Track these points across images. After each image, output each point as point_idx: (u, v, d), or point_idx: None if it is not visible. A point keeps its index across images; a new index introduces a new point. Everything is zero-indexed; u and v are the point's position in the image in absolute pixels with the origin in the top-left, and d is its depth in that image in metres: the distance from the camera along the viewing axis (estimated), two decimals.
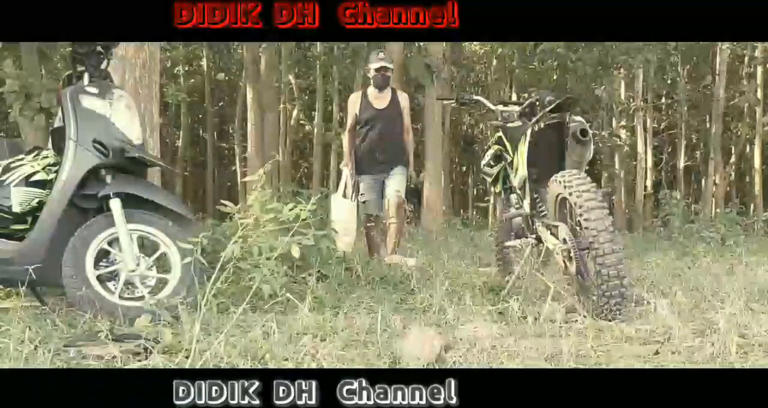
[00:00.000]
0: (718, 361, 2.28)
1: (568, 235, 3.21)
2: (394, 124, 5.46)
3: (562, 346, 2.35)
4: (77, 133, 3.03)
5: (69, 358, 2.19)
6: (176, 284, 3.05)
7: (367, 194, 5.40)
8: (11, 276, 2.97)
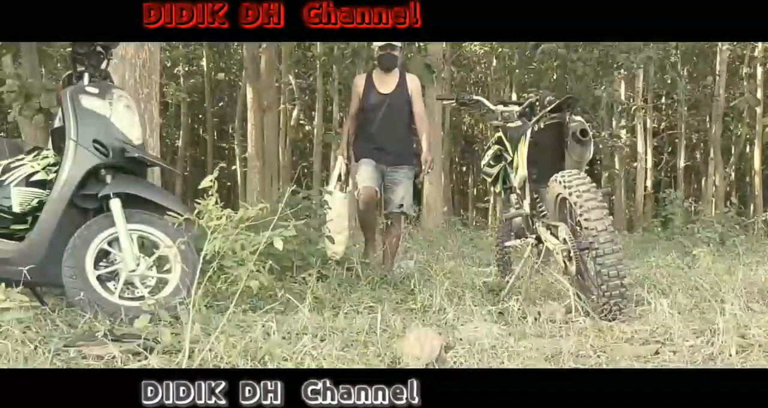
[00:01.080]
0: (718, 361, 2.28)
1: (568, 235, 3.21)
2: (401, 111, 4.73)
3: (562, 346, 2.35)
4: (77, 133, 3.03)
5: (69, 358, 2.19)
6: (176, 284, 3.05)
7: (367, 170, 4.65)
8: (11, 276, 2.96)
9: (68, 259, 2.95)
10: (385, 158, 4.68)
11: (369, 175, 4.63)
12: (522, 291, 3.48)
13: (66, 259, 2.95)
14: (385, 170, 4.69)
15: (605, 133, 13.52)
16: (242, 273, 2.41)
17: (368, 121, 4.76)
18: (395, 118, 4.73)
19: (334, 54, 13.37)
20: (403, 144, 4.77)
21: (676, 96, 17.98)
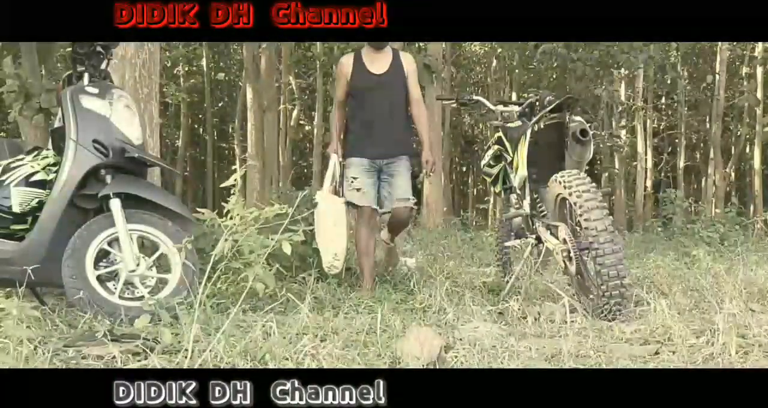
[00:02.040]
0: (718, 361, 2.28)
1: (568, 235, 3.21)
2: (396, 94, 4.07)
3: (562, 347, 2.35)
4: (77, 133, 3.03)
5: (69, 358, 2.19)
6: (176, 284, 3.05)
7: (362, 181, 4.00)
8: (11, 276, 2.96)
9: (68, 259, 2.95)
10: (379, 151, 4.02)
11: (364, 184, 3.99)
12: (522, 291, 3.48)
13: (66, 259, 2.95)
14: (381, 164, 4.05)
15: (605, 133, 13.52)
16: (249, 275, 2.41)
17: (359, 108, 4.09)
18: (390, 103, 4.06)
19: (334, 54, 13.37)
20: (400, 132, 4.10)
21: (676, 96, 17.99)
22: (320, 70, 15.24)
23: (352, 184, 3.99)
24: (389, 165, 4.04)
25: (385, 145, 4.04)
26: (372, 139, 4.03)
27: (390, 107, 4.06)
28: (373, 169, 4.05)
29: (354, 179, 4.00)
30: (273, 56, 12.87)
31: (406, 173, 4.07)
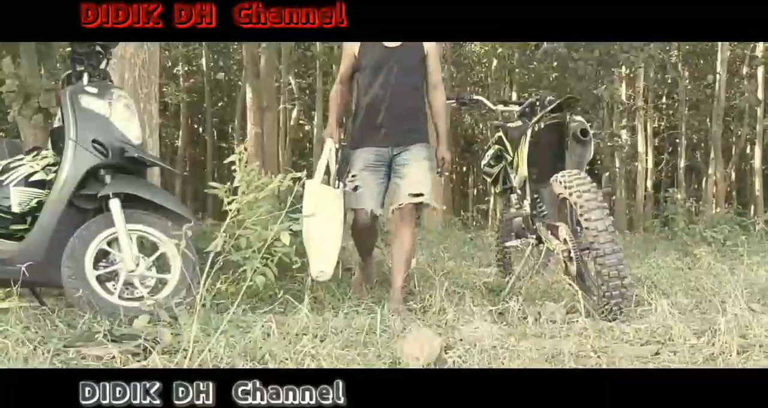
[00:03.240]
0: (719, 361, 2.28)
1: (569, 236, 3.21)
2: (411, 73, 3.50)
3: (562, 347, 2.35)
4: (77, 133, 3.03)
5: (69, 358, 2.19)
6: (176, 284, 3.05)
7: (362, 178, 3.44)
8: (11, 276, 2.96)
9: (68, 259, 2.94)
10: (389, 137, 3.46)
11: (364, 182, 3.44)
12: (522, 291, 3.48)
13: (66, 259, 2.94)
14: (391, 154, 3.48)
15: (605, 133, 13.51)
16: (248, 268, 2.40)
17: (366, 87, 3.52)
18: (404, 83, 3.48)
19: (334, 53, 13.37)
20: (414, 117, 3.53)
21: (676, 96, 17.98)
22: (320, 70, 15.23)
23: (353, 180, 3.44)
24: (401, 154, 3.47)
25: (395, 131, 3.45)
26: (380, 124, 3.45)
27: (403, 88, 3.47)
28: (379, 163, 3.46)
29: (353, 177, 3.45)
30: (273, 56, 12.87)
31: (423, 162, 3.46)
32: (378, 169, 3.47)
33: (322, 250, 3.29)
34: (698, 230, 7.65)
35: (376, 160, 3.47)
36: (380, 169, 3.48)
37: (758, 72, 16.03)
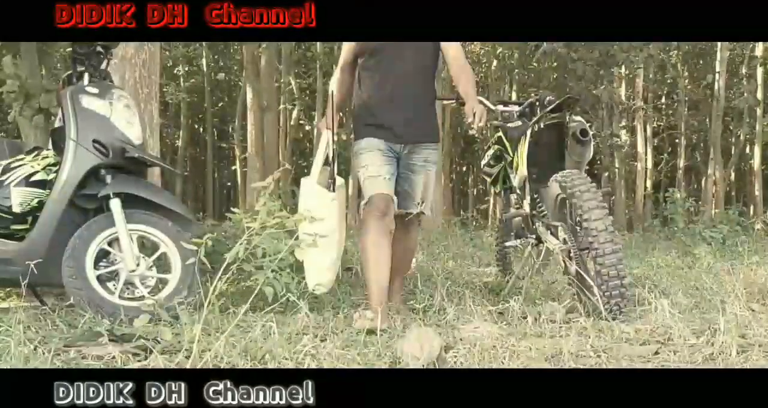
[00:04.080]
0: (718, 361, 2.28)
1: (568, 235, 3.21)
2: (423, 58, 3.15)
3: (562, 347, 2.35)
4: (77, 133, 3.03)
5: (69, 358, 2.19)
6: (176, 284, 3.05)
7: (377, 165, 3.09)
8: (11, 276, 2.97)
9: (68, 259, 2.95)
10: (399, 132, 3.10)
11: (381, 170, 3.07)
12: (522, 291, 3.48)
13: (66, 259, 2.95)
14: (401, 152, 3.16)
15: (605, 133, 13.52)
16: (259, 278, 2.41)
17: (374, 73, 3.14)
18: (416, 68, 3.13)
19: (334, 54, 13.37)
20: (425, 110, 3.19)
21: (675, 96, 17.99)
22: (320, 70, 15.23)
23: (365, 169, 3.10)
24: (411, 155, 3.16)
25: (406, 126, 3.11)
26: (390, 116, 3.10)
27: (416, 74, 3.13)
28: (390, 155, 3.13)
29: (365, 167, 3.10)
30: (273, 56, 12.88)
31: (430, 171, 3.23)
32: (390, 160, 3.14)
33: (320, 261, 2.97)
34: (698, 230, 7.65)
35: (387, 149, 3.13)
36: (391, 161, 3.14)
37: (757, 72, 16.04)
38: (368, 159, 3.11)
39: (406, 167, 3.19)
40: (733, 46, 16.05)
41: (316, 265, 2.99)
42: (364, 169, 3.11)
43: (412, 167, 3.19)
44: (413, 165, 3.19)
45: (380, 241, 3.04)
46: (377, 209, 3.04)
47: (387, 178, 3.08)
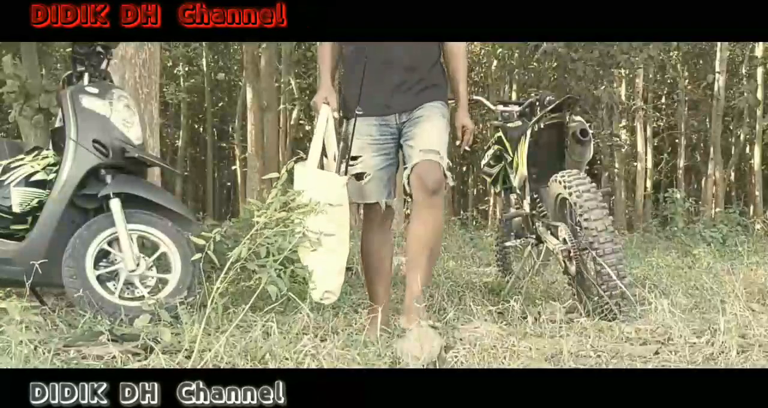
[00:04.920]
0: (718, 361, 2.28)
1: (568, 235, 3.21)
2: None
3: (562, 346, 2.35)
4: (77, 133, 3.03)
5: (69, 358, 2.19)
6: (176, 284, 3.05)
7: (367, 161, 2.73)
8: (11, 276, 2.97)
9: (68, 259, 2.95)
10: (398, 101, 2.72)
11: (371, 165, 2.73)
12: (522, 291, 3.48)
13: (66, 259, 2.95)
14: (399, 123, 2.74)
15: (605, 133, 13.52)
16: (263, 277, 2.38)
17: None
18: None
19: None
20: (428, 72, 2.76)
21: (675, 96, 17.98)
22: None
23: (353, 167, 2.70)
24: (411, 116, 2.73)
25: (404, 94, 2.71)
26: (382, 85, 2.68)
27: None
28: (385, 137, 2.73)
29: (354, 160, 2.70)
30: (273, 56, 12.88)
31: (437, 120, 2.69)
32: (384, 146, 2.72)
33: (326, 263, 2.53)
34: (697, 230, 7.66)
35: (380, 134, 2.71)
36: (387, 145, 2.72)
37: (757, 72, 16.03)
38: (356, 148, 2.71)
39: (410, 125, 2.71)
40: (733, 46, 16.05)
41: (323, 268, 2.53)
42: (353, 161, 2.71)
43: (412, 124, 2.70)
44: (414, 120, 2.70)
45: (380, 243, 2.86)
46: (374, 218, 2.82)
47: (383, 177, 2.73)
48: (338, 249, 2.57)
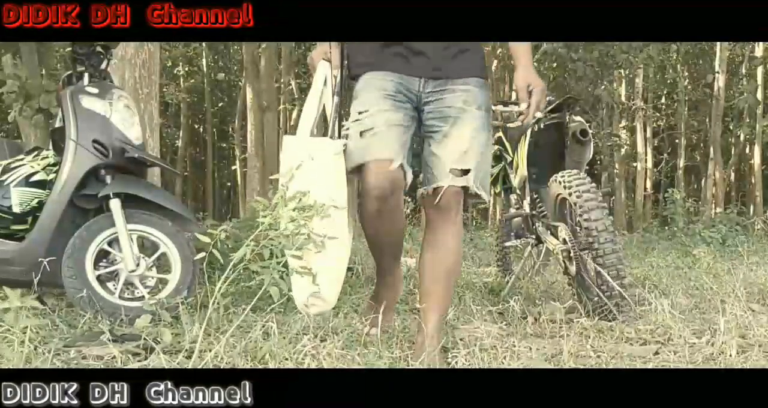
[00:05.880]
0: (718, 361, 2.28)
1: (568, 236, 3.21)
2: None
3: (562, 347, 2.35)
4: (77, 134, 3.03)
5: (69, 358, 2.19)
6: (176, 284, 3.05)
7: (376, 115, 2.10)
8: (11, 276, 2.97)
9: (68, 259, 2.95)
10: (420, 63, 2.15)
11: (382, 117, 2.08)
12: (522, 291, 3.48)
13: (66, 259, 2.95)
14: (421, 92, 2.15)
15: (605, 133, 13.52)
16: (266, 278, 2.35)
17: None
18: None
19: None
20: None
21: (675, 96, 17.98)
22: None
23: (357, 121, 2.10)
24: (440, 97, 2.10)
25: (434, 54, 2.12)
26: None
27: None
28: (403, 96, 2.11)
29: (361, 115, 2.09)
30: (273, 56, 12.87)
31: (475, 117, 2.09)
32: (401, 105, 2.10)
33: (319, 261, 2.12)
34: (697, 230, 7.66)
35: (396, 91, 2.11)
36: (404, 106, 2.11)
37: (757, 72, 16.04)
38: (363, 102, 2.10)
39: (432, 114, 2.11)
40: (733, 46, 16.05)
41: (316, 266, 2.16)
42: (356, 124, 2.08)
43: (441, 115, 2.08)
44: (444, 110, 2.08)
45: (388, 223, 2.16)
46: (375, 186, 2.03)
47: (392, 130, 2.04)
48: (340, 249, 2.18)
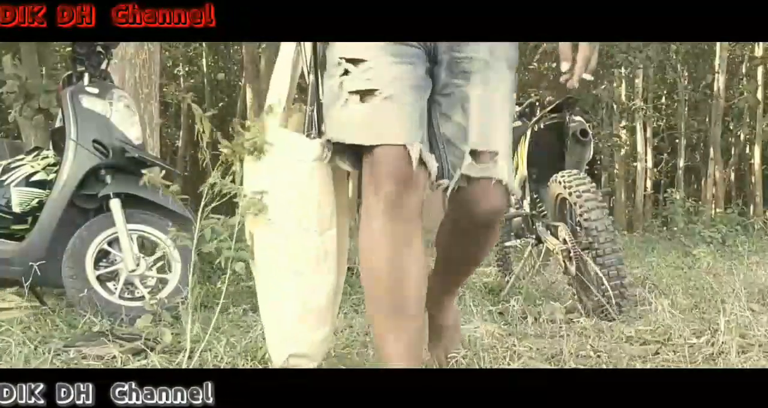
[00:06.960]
0: (718, 361, 2.28)
1: (568, 235, 3.21)
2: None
3: (562, 347, 2.35)
4: (77, 134, 3.03)
5: (69, 358, 2.19)
6: (176, 284, 3.05)
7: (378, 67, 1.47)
8: (11, 276, 2.97)
9: (68, 259, 2.95)
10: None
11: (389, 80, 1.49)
12: (522, 291, 3.48)
13: (66, 259, 2.95)
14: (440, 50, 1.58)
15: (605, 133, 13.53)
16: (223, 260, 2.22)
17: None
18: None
19: None
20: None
21: (675, 96, 17.99)
22: None
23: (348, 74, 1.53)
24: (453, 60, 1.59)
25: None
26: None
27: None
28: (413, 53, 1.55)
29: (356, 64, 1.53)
30: (273, 56, 12.88)
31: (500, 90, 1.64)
32: (415, 52, 1.56)
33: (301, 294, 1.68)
34: (697, 230, 7.66)
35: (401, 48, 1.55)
36: (418, 53, 1.56)
37: (757, 72, 16.04)
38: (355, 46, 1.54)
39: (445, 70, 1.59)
40: (733, 46, 16.05)
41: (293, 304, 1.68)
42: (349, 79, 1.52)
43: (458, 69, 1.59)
44: (462, 64, 1.59)
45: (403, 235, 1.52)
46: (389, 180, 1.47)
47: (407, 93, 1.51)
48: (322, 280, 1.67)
